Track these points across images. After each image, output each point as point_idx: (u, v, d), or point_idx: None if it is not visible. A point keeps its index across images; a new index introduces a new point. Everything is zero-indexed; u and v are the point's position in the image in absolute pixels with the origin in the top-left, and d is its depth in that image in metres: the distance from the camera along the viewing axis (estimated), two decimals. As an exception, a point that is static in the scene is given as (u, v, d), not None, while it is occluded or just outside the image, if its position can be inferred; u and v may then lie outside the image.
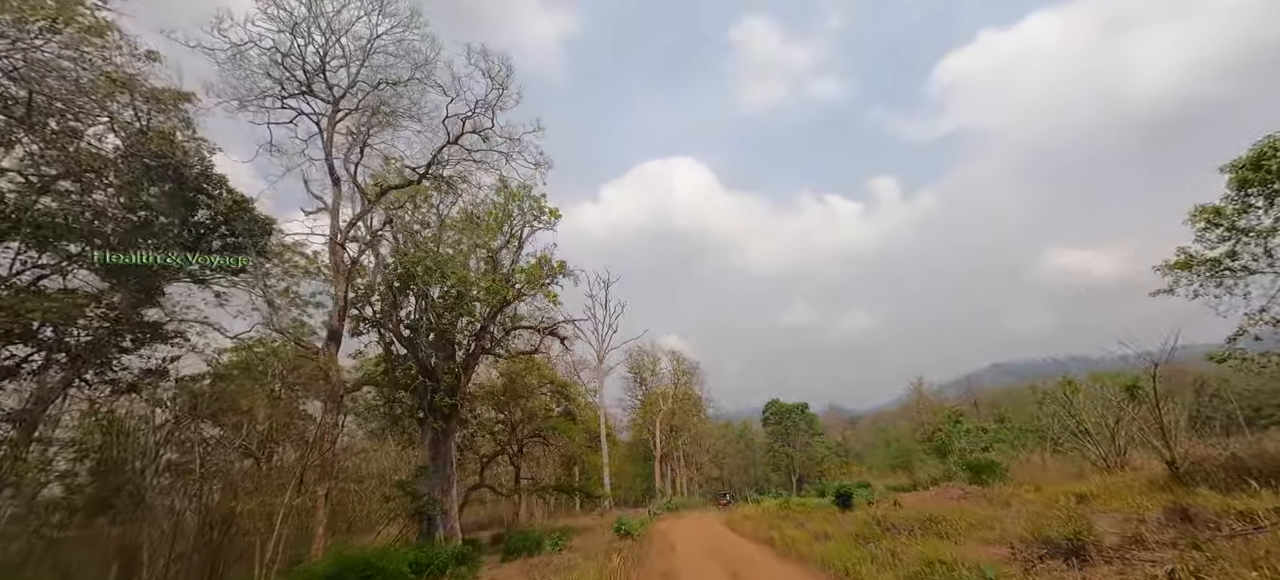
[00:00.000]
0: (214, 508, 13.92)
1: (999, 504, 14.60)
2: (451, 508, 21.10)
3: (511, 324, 23.59)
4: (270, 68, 15.10)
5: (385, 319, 20.51)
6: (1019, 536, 9.01)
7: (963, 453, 22.43)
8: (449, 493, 21.18)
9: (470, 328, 22.19)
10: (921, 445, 63.38)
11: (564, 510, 46.37)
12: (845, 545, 11.84)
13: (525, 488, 30.39)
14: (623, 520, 19.63)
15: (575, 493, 30.95)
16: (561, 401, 30.65)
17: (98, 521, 14.46)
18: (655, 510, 36.40)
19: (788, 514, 22.85)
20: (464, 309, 20.51)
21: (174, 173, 13.15)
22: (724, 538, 17.69)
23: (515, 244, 23.11)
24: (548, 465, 40.37)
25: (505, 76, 16.22)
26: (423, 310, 21.55)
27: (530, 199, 22.46)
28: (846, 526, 14.67)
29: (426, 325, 21.31)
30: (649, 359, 56.26)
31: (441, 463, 21.28)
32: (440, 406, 20.40)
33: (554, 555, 15.91)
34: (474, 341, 22.33)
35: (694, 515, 33.88)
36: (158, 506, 13.28)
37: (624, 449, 63.09)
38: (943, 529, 12.29)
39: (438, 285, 20.18)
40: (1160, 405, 14.20)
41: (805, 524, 16.65)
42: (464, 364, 22.16)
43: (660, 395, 55.60)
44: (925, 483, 22.71)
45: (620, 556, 13.47)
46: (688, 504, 42.01)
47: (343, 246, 14.89)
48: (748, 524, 22.09)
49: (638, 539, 17.82)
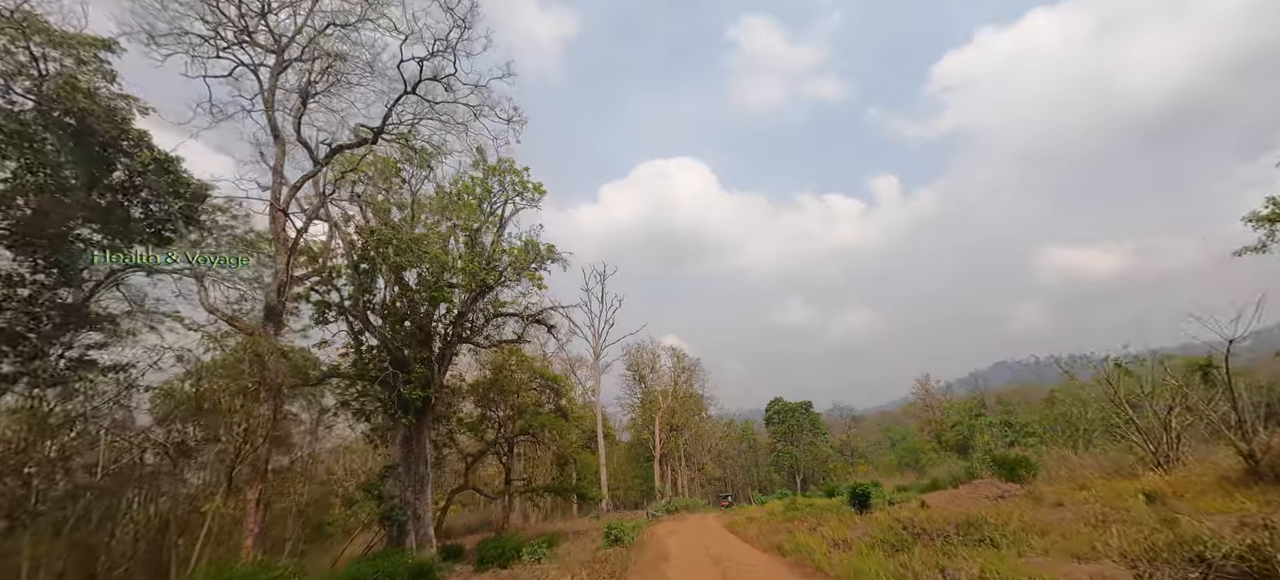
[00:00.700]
0: (136, 516, 11.81)
1: (1047, 504, 12.39)
2: (425, 512, 18.96)
3: (493, 311, 21.50)
4: (205, 10, 13.08)
5: (353, 304, 18.41)
6: (1123, 552, 6.78)
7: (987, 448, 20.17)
8: (422, 495, 19.05)
9: (448, 315, 20.08)
10: (930, 444, 61.27)
11: (561, 513, 44.10)
12: (871, 556, 9.68)
13: (516, 489, 28.23)
14: (614, 524, 17.46)
15: (569, 494, 28.73)
16: (552, 397, 28.50)
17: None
18: (654, 512, 34.17)
19: (796, 516, 20.63)
20: (440, 295, 18.40)
21: (79, 122, 11.09)
22: (726, 544, 15.51)
23: (496, 223, 21.03)
24: (540, 465, 38.19)
25: (468, 11, 14.14)
26: (394, 295, 19.48)
27: (511, 173, 20.38)
28: (867, 531, 12.49)
29: (398, 311, 19.21)
30: (648, 356, 54.07)
31: (414, 462, 19.15)
32: (410, 399, 18.29)
33: (529, 566, 13.76)
34: (451, 330, 20.23)
35: (694, 518, 31.64)
36: (59, 517, 11.18)
37: (623, 450, 60.84)
38: (988, 534, 10.11)
39: (411, 268, 18.08)
40: (1234, 390, 11.98)
41: (818, 528, 14.45)
42: (440, 354, 20.06)
43: (660, 394, 53.37)
44: (946, 481, 20.47)
45: (593, 572, 11.32)
46: (688, 505, 39.73)
47: (285, 213, 12.85)
48: (752, 528, 19.87)
49: (629, 546, 15.64)
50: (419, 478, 19.09)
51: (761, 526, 19.98)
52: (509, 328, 21.98)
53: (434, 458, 22.33)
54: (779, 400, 77.04)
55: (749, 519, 23.49)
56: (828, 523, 16.30)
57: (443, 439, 21.30)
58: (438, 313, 20.49)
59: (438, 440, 21.06)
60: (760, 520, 22.57)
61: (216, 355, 14.25)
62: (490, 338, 21.22)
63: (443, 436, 21.27)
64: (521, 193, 20.63)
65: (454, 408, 23.87)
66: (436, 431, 21.39)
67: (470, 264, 18.47)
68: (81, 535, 11.49)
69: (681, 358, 55.67)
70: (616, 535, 16.69)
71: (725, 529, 22.27)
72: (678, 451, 57.44)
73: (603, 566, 12.01)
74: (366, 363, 18.76)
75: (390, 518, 17.28)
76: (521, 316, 21.56)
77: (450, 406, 22.89)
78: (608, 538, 16.80)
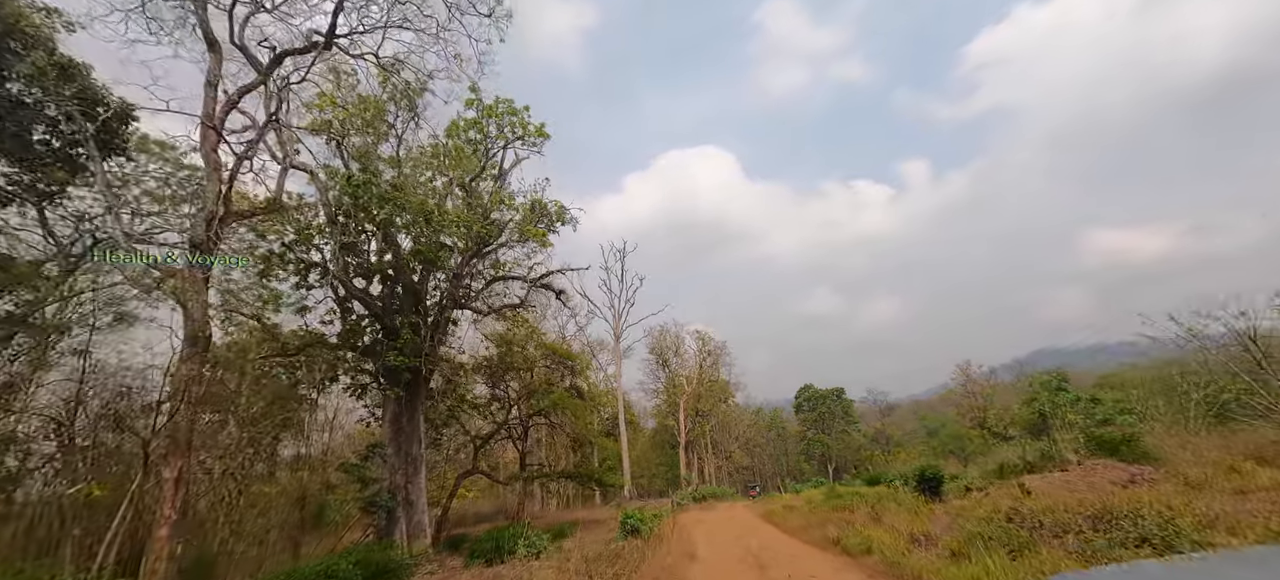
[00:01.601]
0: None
1: (1214, 489, 9.04)
2: (418, 497, 16.52)
3: (493, 274, 18.87)
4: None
5: (335, 264, 16.01)
6: None
7: (1078, 426, 16.64)
8: (415, 478, 16.61)
9: (446, 272, 17.52)
10: (977, 431, 56.60)
11: (582, 501, 41.66)
12: (988, 558, 6.61)
13: (529, 474, 25.74)
14: (631, 513, 14.68)
15: (587, 481, 26.12)
16: (565, 374, 25.86)
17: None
18: (679, 500, 31.33)
19: (842, 505, 17.52)
20: (429, 251, 15.83)
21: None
22: (765, 537, 12.57)
23: (495, 172, 18.36)
24: (555, 449, 35.76)
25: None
26: (381, 251, 17.02)
27: (510, 114, 17.65)
28: (953, 524, 9.38)
29: (382, 269, 16.74)
30: (671, 339, 51.07)
31: (406, 441, 16.72)
32: (397, 368, 15.83)
33: (522, 562, 11.09)
34: (446, 293, 17.69)
35: (723, 506, 28.69)
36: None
37: (648, 436, 58.18)
38: (1150, 532, 6.92)
39: (395, 219, 15.56)
40: None
41: (882, 518, 11.35)
42: (434, 322, 17.54)
43: (684, 378, 50.39)
44: (1016, 467, 17.08)
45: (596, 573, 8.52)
46: (716, 493, 36.75)
47: (219, 132, 10.41)
48: (794, 518, 16.85)
49: (647, 539, 12.82)
50: (411, 459, 16.66)
51: (804, 517, 16.94)
52: (513, 292, 19.34)
53: (433, 438, 19.92)
54: (809, 387, 73.11)
55: (787, 508, 20.46)
56: (891, 513, 13.17)
57: (442, 417, 18.87)
58: (431, 277, 18.00)
59: (436, 419, 18.66)
60: (801, 509, 19.51)
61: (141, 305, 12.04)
62: (490, 303, 18.62)
63: (441, 415, 18.83)
64: (522, 137, 17.90)
65: (456, 384, 21.43)
66: (434, 408, 18.95)
67: (464, 215, 15.85)
68: None
69: (707, 341, 52.55)
70: (633, 525, 13.90)
71: (761, 519, 19.28)
72: (704, 438, 54.43)
73: (609, 566, 9.22)
74: (351, 330, 16.38)
75: (375, 503, 14.86)
76: (526, 280, 18.90)
77: (452, 383, 20.43)
78: (624, 528, 14.02)
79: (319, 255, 16.23)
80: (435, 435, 19.68)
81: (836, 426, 67.81)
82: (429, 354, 16.77)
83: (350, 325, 16.19)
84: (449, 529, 24.91)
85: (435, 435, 19.68)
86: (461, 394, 19.55)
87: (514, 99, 17.47)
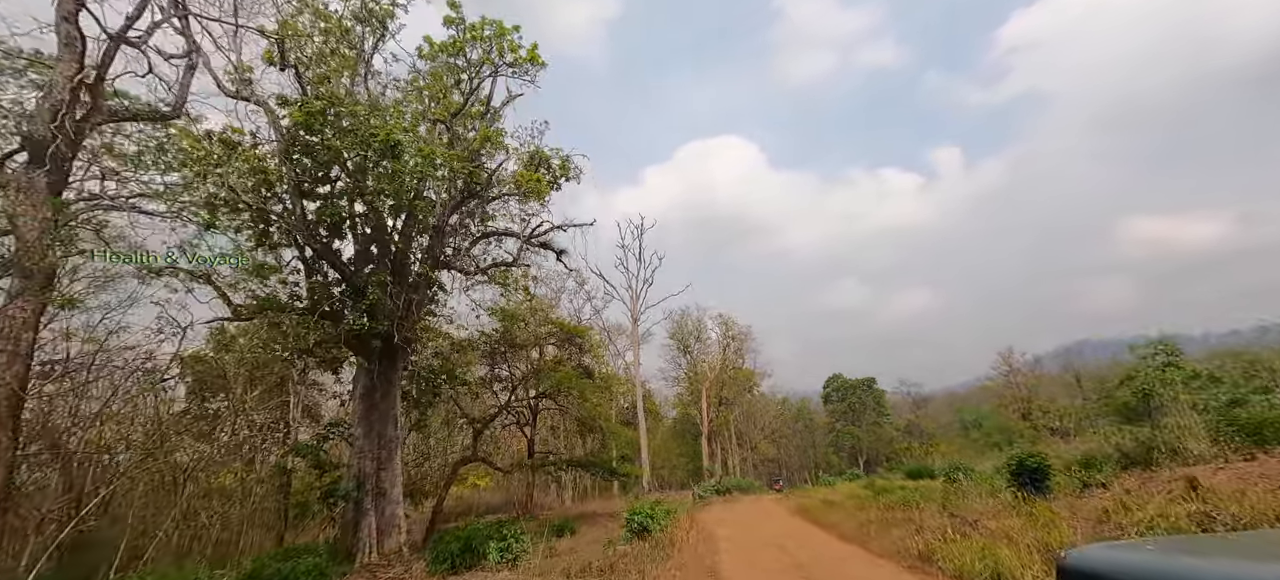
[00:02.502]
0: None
1: None
2: (393, 486, 13.91)
3: (482, 230, 16.11)
4: None
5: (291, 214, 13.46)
6: None
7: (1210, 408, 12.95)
8: (390, 464, 14.01)
9: (423, 224, 14.83)
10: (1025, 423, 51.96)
11: (599, 492, 38.98)
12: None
13: (537, 462, 23.10)
14: (639, 509, 11.73)
15: (597, 470, 23.34)
16: (573, 353, 23.08)
17: None
18: (701, 493, 28.32)
19: (891, 500, 14.30)
20: (396, 191, 13.12)
21: None
22: (815, 546, 9.47)
23: (480, 109, 15.56)
24: (570, 436, 33.11)
25: None
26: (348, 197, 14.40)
27: (498, 36, 14.78)
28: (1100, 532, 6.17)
29: (347, 216, 14.13)
30: (693, 323, 47.85)
31: (379, 421, 14.14)
32: (365, 335, 13.24)
33: (491, 572, 8.28)
34: (426, 250, 15.00)
35: (749, 500, 25.58)
36: None
37: (669, 426, 55.25)
38: None
39: (354, 152, 12.89)
40: None
41: (971, 523, 8.12)
42: (413, 283, 14.88)
43: (707, 365, 47.18)
44: (1106, 457, 13.57)
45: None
46: (741, 486, 33.61)
47: (84, 1, 7.85)
48: (839, 516, 13.68)
49: (656, 542, 9.84)
50: (385, 442, 14.07)
51: (851, 514, 13.76)
52: (506, 250, 16.52)
53: (419, 420, 17.30)
54: (839, 376, 69.04)
55: (826, 503, 17.25)
56: (972, 510, 9.92)
57: (426, 395, 16.25)
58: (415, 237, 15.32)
59: (419, 396, 16.06)
60: (844, 505, 16.31)
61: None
62: (479, 262, 15.84)
63: (426, 393, 16.20)
64: (513, 64, 15.03)
65: (448, 359, 18.81)
66: (419, 385, 16.33)
67: (443, 151, 13.10)
68: None
69: (731, 326, 49.14)
70: (641, 523, 10.95)
71: (797, 516, 16.15)
72: (728, 428, 51.17)
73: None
74: (314, 291, 13.84)
75: (334, 493, 12.27)
76: (520, 237, 16.07)
77: (442, 357, 17.79)
78: (630, 527, 11.09)
79: (281, 205, 13.72)
80: (421, 417, 17.06)
81: (867, 418, 63.79)
82: (404, 319, 14.09)
83: (312, 285, 13.63)
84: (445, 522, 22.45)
85: (421, 417, 17.06)
86: (449, 370, 16.85)
87: (502, 19, 14.58)
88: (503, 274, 15.96)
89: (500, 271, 15.98)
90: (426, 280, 14.98)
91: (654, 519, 11.24)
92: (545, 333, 23.43)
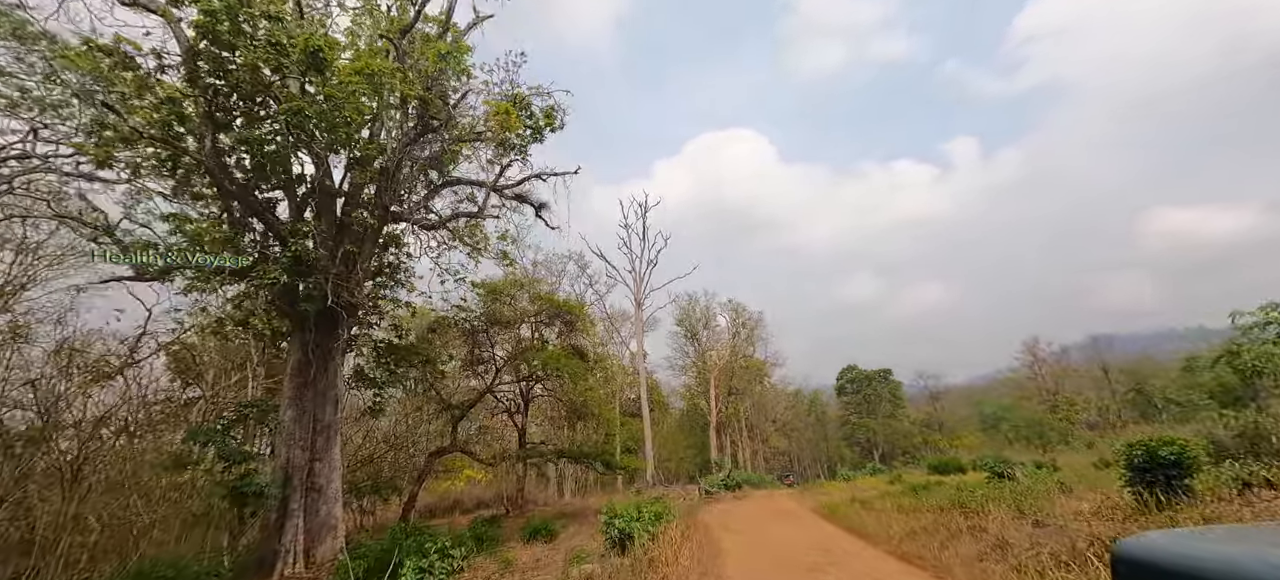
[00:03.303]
0: None
1: None
2: (329, 483, 11.32)
3: (442, 177, 13.40)
4: None
5: (203, 147, 10.93)
6: None
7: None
8: (326, 455, 11.42)
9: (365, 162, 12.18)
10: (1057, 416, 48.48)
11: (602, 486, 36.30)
12: None
13: (523, 454, 20.51)
14: (622, 512, 8.95)
15: (591, 461, 20.68)
16: (563, 331, 20.40)
17: None
18: (708, 487, 25.55)
19: (954, 501, 11.41)
20: (331, 125, 10.46)
21: None
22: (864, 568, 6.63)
23: (440, 22, 12.83)
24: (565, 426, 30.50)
25: None
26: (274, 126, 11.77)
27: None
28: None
29: (264, 149, 11.51)
30: (701, 310, 44.95)
31: (316, 402, 11.55)
32: (294, 297, 10.67)
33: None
34: (374, 196, 12.33)
35: (760, 497, 22.73)
36: None
37: (676, 417, 52.48)
38: None
39: (276, 62, 10.29)
40: None
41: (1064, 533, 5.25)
42: (359, 236, 12.28)
43: (715, 354, 44.28)
44: (1235, 444, 10.60)
45: None
46: (752, 480, 30.74)
47: None
48: (877, 521, 10.81)
49: (635, 558, 7.09)
50: (322, 427, 11.47)
51: (891, 518, 10.91)
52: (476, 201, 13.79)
53: (375, 402, 14.64)
54: (853, 367, 65.77)
55: (857, 503, 14.35)
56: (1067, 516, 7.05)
57: (381, 372, 13.60)
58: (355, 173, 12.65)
59: (371, 374, 13.43)
60: (876, 505, 13.43)
61: None
62: (439, 213, 13.16)
63: (379, 369, 13.55)
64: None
65: (429, 341, 16.21)
66: (376, 361, 13.70)
67: (378, 66, 10.42)
68: None
69: (741, 312, 46.16)
70: (623, 530, 8.21)
71: (822, 517, 13.32)
72: (738, 419, 48.24)
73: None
74: (226, 241, 11.26)
75: (244, 491, 9.66)
76: (489, 186, 13.34)
77: (426, 340, 15.17)
78: (608, 534, 8.35)
79: (193, 141, 11.16)
80: (378, 398, 14.40)
81: (883, 410, 60.52)
82: (346, 279, 11.45)
83: (221, 235, 11.05)
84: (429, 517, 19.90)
85: (378, 398, 14.40)
86: (414, 347, 14.17)
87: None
88: (471, 228, 13.26)
89: (468, 225, 13.28)
90: (373, 234, 12.34)
91: (639, 522, 8.48)
92: (534, 309, 20.79)
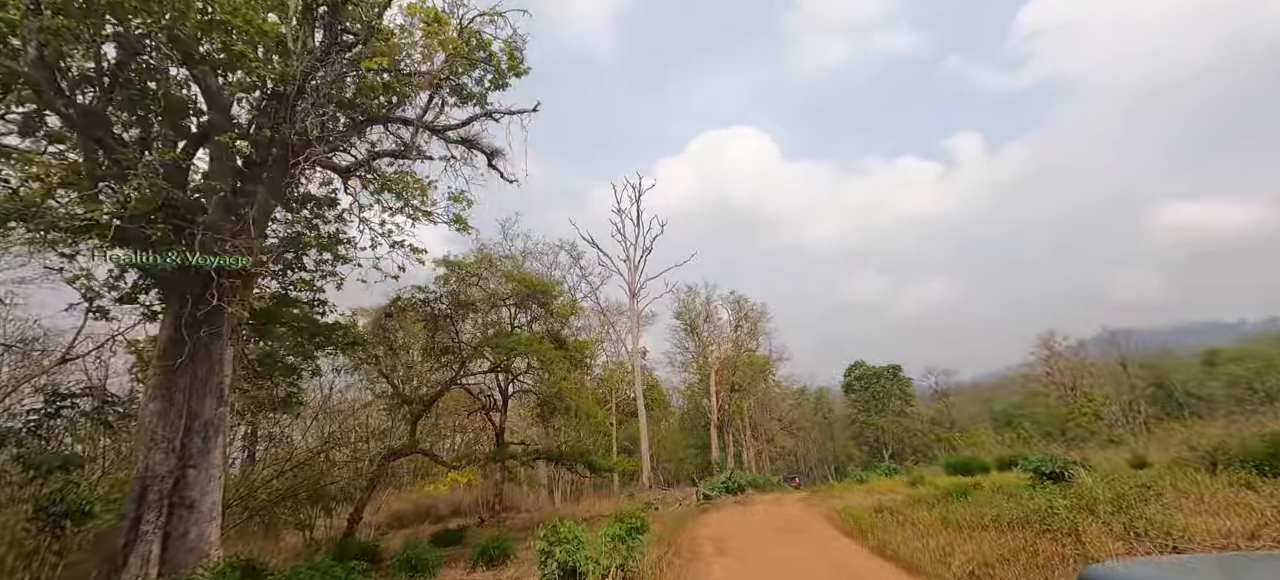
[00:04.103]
0: None
1: None
2: (204, 495, 8.64)
3: (363, 116, 10.67)
4: None
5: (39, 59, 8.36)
6: None
7: None
8: (203, 461, 8.76)
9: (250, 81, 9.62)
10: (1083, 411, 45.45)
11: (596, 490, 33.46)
12: None
13: (493, 455, 17.88)
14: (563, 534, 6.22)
15: (572, 462, 18.00)
16: (540, 315, 17.75)
17: None
18: (707, 490, 22.82)
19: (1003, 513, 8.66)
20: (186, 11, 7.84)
21: None
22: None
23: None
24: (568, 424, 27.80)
25: None
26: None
27: None
28: None
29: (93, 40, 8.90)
30: (701, 303, 42.21)
31: (190, 393, 8.90)
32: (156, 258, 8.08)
33: None
34: (264, 126, 9.60)
35: (767, 502, 19.95)
36: None
37: (676, 417, 49.71)
38: None
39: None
40: None
41: None
42: (273, 174, 9.71)
43: (717, 349, 41.50)
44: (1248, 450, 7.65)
45: None
46: (756, 482, 27.92)
47: None
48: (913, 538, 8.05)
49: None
50: (198, 426, 8.82)
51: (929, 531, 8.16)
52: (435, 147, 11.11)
53: (286, 395, 11.88)
54: (861, 364, 62.80)
55: (882, 512, 11.53)
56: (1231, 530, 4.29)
57: (299, 352, 10.87)
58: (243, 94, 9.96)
59: (278, 356, 10.73)
60: (903, 513, 10.65)
61: None
62: (354, 153, 10.50)
63: (290, 353, 10.84)
64: None
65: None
66: (291, 344, 11.02)
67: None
68: None
69: (742, 305, 43.38)
70: (563, 564, 5.51)
71: (839, 530, 10.53)
72: (741, 418, 45.40)
73: None
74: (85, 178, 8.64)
75: (51, 510, 7.00)
76: (418, 123, 10.69)
77: (316, 305, 12.48)
78: (543, 569, 5.67)
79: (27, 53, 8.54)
80: (290, 391, 11.66)
81: (892, 408, 57.54)
82: (239, 233, 8.78)
83: (70, 166, 8.41)
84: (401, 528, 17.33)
85: (290, 391, 11.66)
86: (314, 324, 11.30)
87: None
88: (403, 178, 10.57)
89: (399, 174, 10.61)
90: (271, 182, 9.70)
91: (588, 556, 5.76)
92: (506, 291, 18.17)
